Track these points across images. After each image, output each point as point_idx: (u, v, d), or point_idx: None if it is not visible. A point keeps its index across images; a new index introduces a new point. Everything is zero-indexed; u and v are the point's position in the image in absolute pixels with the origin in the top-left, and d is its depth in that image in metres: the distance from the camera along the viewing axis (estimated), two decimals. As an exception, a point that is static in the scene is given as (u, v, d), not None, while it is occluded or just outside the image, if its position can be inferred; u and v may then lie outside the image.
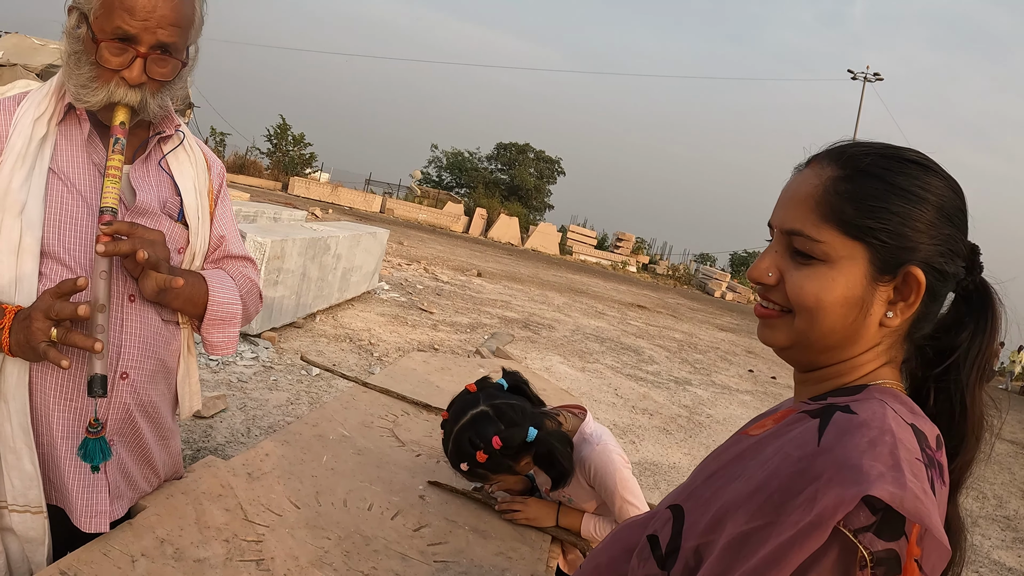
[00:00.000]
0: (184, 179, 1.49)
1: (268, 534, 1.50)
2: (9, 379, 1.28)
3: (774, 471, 0.75)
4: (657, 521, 0.90)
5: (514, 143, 41.40)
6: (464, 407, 1.78)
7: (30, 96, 1.36)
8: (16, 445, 1.29)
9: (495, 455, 1.70)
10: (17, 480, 1.30)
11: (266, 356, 5.55)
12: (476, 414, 1.75)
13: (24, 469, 1.30)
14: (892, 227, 0.80)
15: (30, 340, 1.20)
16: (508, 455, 1.71)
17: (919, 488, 0.68)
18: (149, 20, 1.26)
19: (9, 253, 1.26)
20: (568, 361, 8.56)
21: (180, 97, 1.45)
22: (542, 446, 1.72)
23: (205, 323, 1.49)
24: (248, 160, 31.44)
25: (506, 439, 1.69)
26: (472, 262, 17.08)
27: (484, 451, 1.69)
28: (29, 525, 1.33)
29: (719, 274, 33.52)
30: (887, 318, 0.83)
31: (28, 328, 1.20)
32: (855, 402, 0.79)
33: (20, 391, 1.29)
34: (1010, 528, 6.46)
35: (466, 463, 1.73)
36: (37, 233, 1.28)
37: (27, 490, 1.31)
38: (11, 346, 1.23)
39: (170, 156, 1.48)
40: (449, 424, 1.79)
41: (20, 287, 1.27)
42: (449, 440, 1.77)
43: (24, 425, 1.29)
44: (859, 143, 0.86)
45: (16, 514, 1.32)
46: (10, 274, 1.27)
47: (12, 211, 1.26)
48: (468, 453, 1.72)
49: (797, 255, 0.85)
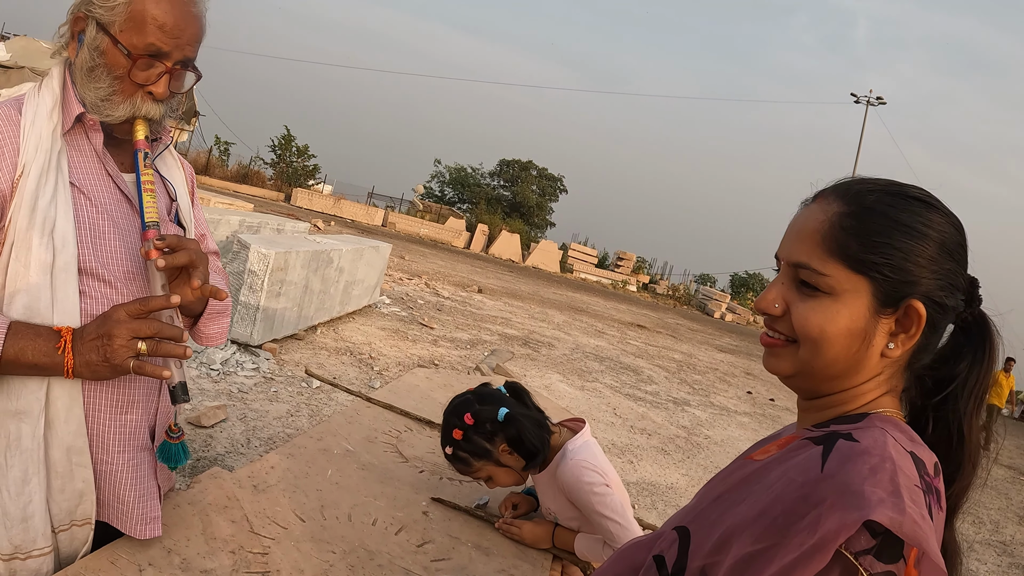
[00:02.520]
0: (176, 182, 1.50)
1: (274, 547, 1.52)
2: (58, 403, 1.24)
3: (779, 495, 0.77)
4: (663, 541, 0.93)
5: (517, 160, 41.60)
6: (455, 399, 1.95)
7: (30, 103, 1.29)
8: (64, 469, 1.26)
9: (468, 432, 1.84)
10: (64, 502, 1.28)
11: (267, 367, 5.56)
12: (459, 399, 1.92)
13: (74, 488, 1.28)
14: (895, 262, 0.83)
15: (112, 358, 1.18)
16: (481, 434, 1.84)
17: (917, 513, 0.71)
18: (180, 38, 1.26)
19: (43, 273, 1.22)
20: (567, 379, 8.56)
21: (182, 105, 1.46)
22: (512, 426, 1.83)
23: (204, 317, 1.49)
24: (251, 170, 31.54)
25: (476, 415, 1.85)
26: (473, 278, 17.11)
27: (459, 427, 1.84)
28: (74, 537, 1.31)
29: (719, 295, 33.54)
30: (888, 349, 0.86)
31: (108, 346, 1.18)
32: (857, 430, 0.81)
33: (74, 413, 1.26)
34: (1006, 553, 6.46)
35: (449, 445, 1.87)
36: (72, 251, 1.24)
37: (75, 508, 1.29)
38: (76, 367, 1.20)
39: (158, 161, 1.47)
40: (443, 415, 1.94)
41: (59, 307, 1.23)
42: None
43: (78, 446, 1.26)
44: (865, 180, 0.90)
45: (63, 533, 1.30)
46: (46, 294, 1.23)
47: (43, 230, 1.22)
48: (447, 435, 1.87)
49: (803, 287, 0.88)
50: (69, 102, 1.30)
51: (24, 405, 1.22)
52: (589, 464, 1.83)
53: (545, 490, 1.94)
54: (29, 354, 1.18)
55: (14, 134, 1.25)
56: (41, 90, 1.31)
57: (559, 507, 1.90)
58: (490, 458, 1.85)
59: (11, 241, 1.22)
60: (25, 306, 1.22)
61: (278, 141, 32.84)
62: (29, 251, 1.21)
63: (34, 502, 1.23)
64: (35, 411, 1.22)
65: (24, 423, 1.22)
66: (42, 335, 1.19)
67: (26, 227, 1.22)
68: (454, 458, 1.88)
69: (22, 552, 1.24)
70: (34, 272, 1.22)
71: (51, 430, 1.25)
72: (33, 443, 1.23)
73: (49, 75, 1.33)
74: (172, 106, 1.38)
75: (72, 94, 1.30)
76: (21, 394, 1.22)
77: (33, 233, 1.22)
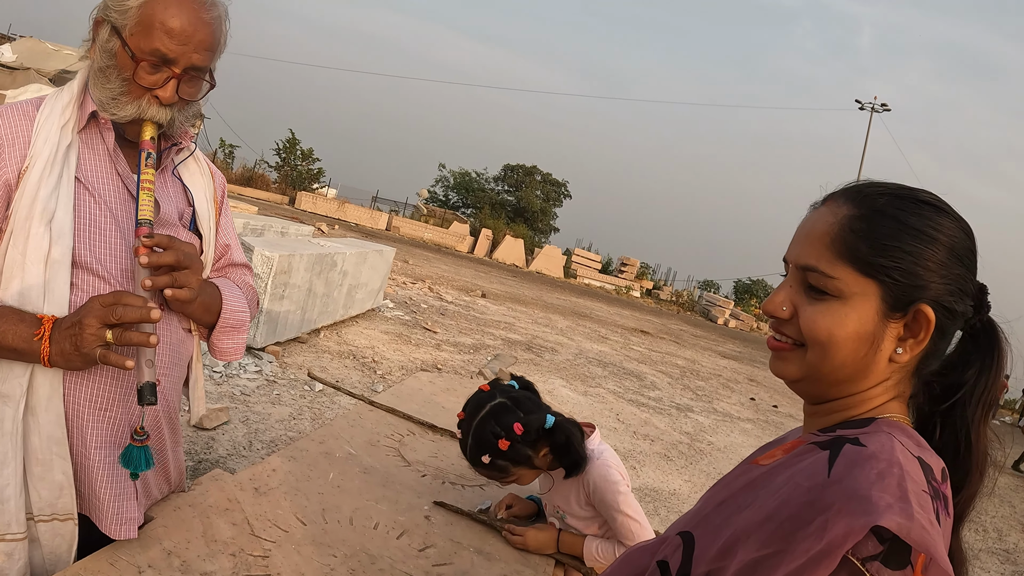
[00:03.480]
0: (196, 189, 1.52)
1: (275, 550, 1.51)
2: (39, 391, 1.26)
3: (785, 500, 0.76)
4: (667, 547, 0.92)
5: (521, 165, 41.63)
6: (480, 403, 1.82)
7: (48, 102, 1.34)
8: (44, 456, 1.28)
9: (516, 442, 1.74)
10: (45, 491, 1.29)
11: (269, 370, 5.56)
12: (495, 405, 1.79)
13: (54, 479, 1.29)
14: (905, 266, 0.83)
15: (81, 347, 1.19)
16: (528, 442, 1.76)
17: (925, 519, 0.70)
18: (187, 44, 1.27)
19: (38, 262, 1.24)
20: (570, 385, 8.55)
21: (195, 111, 1.47)
22: (560, 433, 1.78)
23: (217, 331, 1.51)
24: (256, 173, 31.58)
25: (526, 425, 1.75)
26: (476, 283, 17.11)
27: (506, 438, 1.73)
28: (57, 532, 1.32)
29: (722, 301, 33.47)
30: (897, 354, 0.85)
31: (79, 335, 1.19)
32: (864, 435, 0.81)
33: (54, 403, 1.27)
34: (1009, 561, 6.42)
35: (488, 454, 1.76)
36: (68, 243, 1.26)
37: (55, 499, 1.30)
38: (51, 355, 1.21)
39: (181, 167, 1.50)
40: (467, 420, 1.82)
41: (50, 297, 1.25)
42: (468, 436, 1.80)
43: (57, 436, 1.28)
44: (875, 183, 0.89)
45: (43, 524, 1.31)
46: (39, 283, 1.25)
47: (41, 220, 1.24)
48: (490, 443, 1.75)
49: (811, 290, 0.87)
50: (86, 101, 1.35)
51: (7, 389, 1.25)
52: (613, 465, 1.85)
53: (560, 489, 1.92)
54: (10, 337, 1.21)
55: (27, 129, 1.29)
56: (63, 90, 1.37)
57: (574, 506, 1.89)
58: (531, 464, 1.81)
59: (10, 229, 1.25)
60: (18, 293, 1.25)
61: (283, 144, 32.89)
62: (27, 240, 1.24)
63: (10, 486, 1.26)
64: (16, 395, 1.25)
65: (6, 406, 1.25)
66: (25, 321, 1.22)
67: (25, 216, 1.25)
68: (491, 467, 1.79)
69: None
70: (29, 261, 1.25)
71: (33, 416, 1.27)
72: (13, 426, 1.25)
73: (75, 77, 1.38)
74: (188, 112, 1.40)
75: (89, 94, 1.34)
76: (7, 377, 1.25)
77: (32, 223, 1.25)
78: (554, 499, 1.95)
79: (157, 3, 1.25)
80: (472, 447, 1.79)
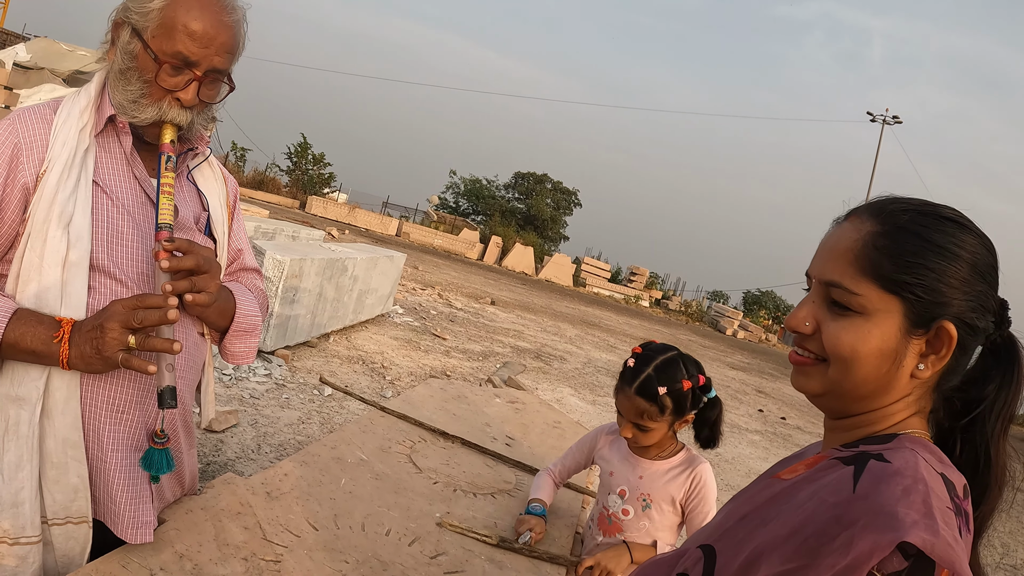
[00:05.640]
0: (211, 194, 1.52)
1: (286, 555, 1.51)
2: (56, 394, 1.26)
3: (810, 516, 0.76)
4: (687, 559, 0.91)
5: (532, 173, 41.61)
6: (667, 347, 1.92)
7: (66, 105, 1.34)
8: (60, 460, 1.27)
9: (693, 390, 1.84)
10: (59, 494, 1.29)
11: (279, 374, 5.57)
12: (684, 354, 1.91)
13: (68, 482, 1.29)
14: (928, 283, 0.82)
15: (103, 350, 1.19)
16: (694, 400, 1.86)
17: (950, 535, 0.70)
18: (210, 47, 1.28)
19: (55, 265, 1.24)
20: (579, 393, 8.53)
21: (211, 114, 1.48)
22: (718, 405, 1.90)
23: (230, 335, 1.52)
24: (267, 177, 31.69)
25: (708, 382, 1.88)
26: (486, 290, 17.11)
27: (689, 380, 1.83)
28: (71, 535, 1.32)
29: (731, 312, 33.37)
30: (919, 370, 0.85)
31: (101, 339, 1.19)
32: (888, 451, 0.81)
33: (71, 406, 1.27)
34: (1018, 580, 6.36)
35: (665, 387, 1.81)
36: (86, 246, 1.27)
37: (70, 503, 1.30)
38: (71, 358, 1.21)
39: (195, 171, 1.51)
40: (650, 353, 1.89)
41: (67, 300, 1.26)
42: (649, 365, 1.84)
43: (73, 440, 1.28)
44: (898, 199, 0.89)
45: (57, 527, 1.31)
46: (56, 286, 1.25)
47: (59, 223, 1.25)
48: (673, 379, 1.82)
49: (834, 306, 0.87)
50: (103, 104, 1.35)
51: (24, 392, 1.25)
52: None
53: (659, 478, 1.92)
54: (28, 340, 1.20)
55: (45, 132, 1.29)
56: (80, 93, 1.36)
57: (664, 500, 1.90)
58: (681, 416, 1.86)
59: (28, 232, 1.26)
60: (36, 296, 1.25)
61: (294, 148, 33.02)
62: (44, 243, 1.25)
63: (26, 489, 1.25)
64: (33, 398, 1.25)
65: (23, 409, 1.25)
66: (44, 323, 1.22)
67: (43, 219, 1.25)
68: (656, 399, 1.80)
69: (9, 537, 1.26)
70: (47, 264, 1.25)
71: (48, 419, 1.27)
72: (29, 430, 1.25)
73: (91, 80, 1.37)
74: (206, 115, 1.40)
75: (107, 97, 1.34)
76: (23, 381, 1.25)
77: (50, 226, 1.25)
78: (643, 486, 1.92)
79: (179, 5, 1.26)
80: (652, 376, 1.82)
